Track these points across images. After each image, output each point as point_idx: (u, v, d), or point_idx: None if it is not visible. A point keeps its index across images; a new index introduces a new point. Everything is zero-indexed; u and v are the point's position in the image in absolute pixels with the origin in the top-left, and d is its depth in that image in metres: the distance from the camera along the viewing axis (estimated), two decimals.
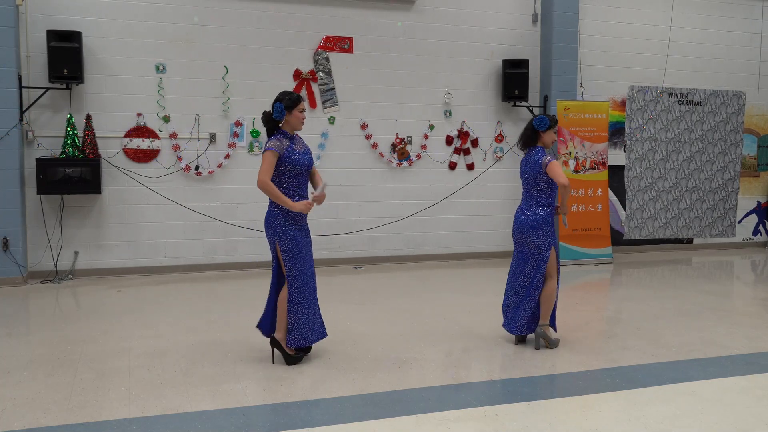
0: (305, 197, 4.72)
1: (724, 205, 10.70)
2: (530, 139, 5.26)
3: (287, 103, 4.65)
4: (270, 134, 4.72)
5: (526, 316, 5.20)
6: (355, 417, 3.85)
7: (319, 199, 4.65)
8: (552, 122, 5.18)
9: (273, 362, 4.82)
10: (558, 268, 5.25)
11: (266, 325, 4.91)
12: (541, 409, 4.01)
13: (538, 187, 5.16)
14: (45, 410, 3.92)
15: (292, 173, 4.64)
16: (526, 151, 5.30)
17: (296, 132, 4.79)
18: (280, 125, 4.72)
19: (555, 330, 5.36)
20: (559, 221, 7.65)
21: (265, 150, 4.58)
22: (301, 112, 4.71)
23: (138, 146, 8.19)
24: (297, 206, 4.58)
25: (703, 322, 6.08)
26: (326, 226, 8.85)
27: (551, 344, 5.20)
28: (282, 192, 4.61)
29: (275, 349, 4.82)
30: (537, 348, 5.21)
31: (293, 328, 4.71)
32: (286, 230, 4.64)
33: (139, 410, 3.92)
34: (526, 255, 5.22)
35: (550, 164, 5.06)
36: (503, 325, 5.36)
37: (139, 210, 8.24)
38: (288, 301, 4.69)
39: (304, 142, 4.84)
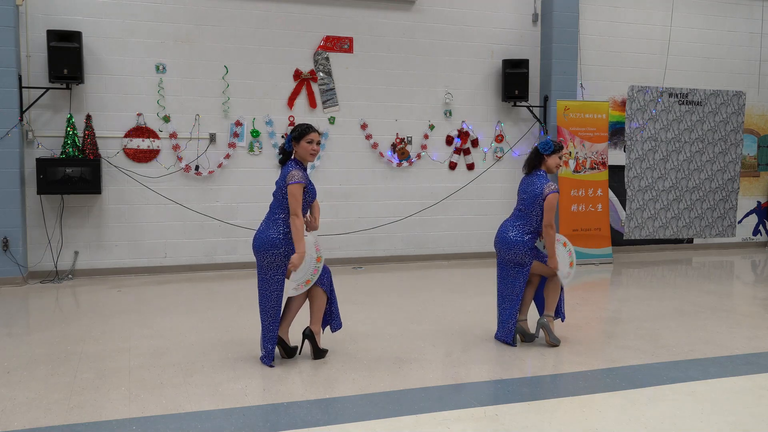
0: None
1: (724, 205, 10.70)
2: (534, 162, 5.30)
3: (294, 134, 4.69)
4: (282, 164, 4.75)
5: (506, 325, 5.23)
6: (355, 417, 3.85)
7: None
8: (557, 147, 5.22)
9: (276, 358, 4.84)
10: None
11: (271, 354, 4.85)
12: (541, 409, 4.00)
13: (533, 212, 5.20)
14: (45, 410, 3.92)
15: (306, 204, 4.71)
16: (530, 173, 5.32)
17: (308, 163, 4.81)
18: (293, 156, 4.74)
19: (563, 319, 5.37)
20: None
21: (293, 183, 4.56)
22: (309, 143, 4.66)
23: (138, 146, 8.19)
24: (299, 255, 4.56)
25: (703, 322, 6.08)
26: (326, 226, 8.85)
27: (551, 338, 5.21)
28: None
29: (309, 343, 4.89)
30: (536, 336, 5.29)
31: (337, 314, 4.94)
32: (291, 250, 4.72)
33: (139, 410, 3.92)
34: (505, 267, 5.28)
35: (548, 197, 5.10)
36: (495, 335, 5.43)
37: (139, 210, 8.24)
38: (328, 294, 4.85)
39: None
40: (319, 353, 4.89)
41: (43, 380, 4.43)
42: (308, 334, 4.85)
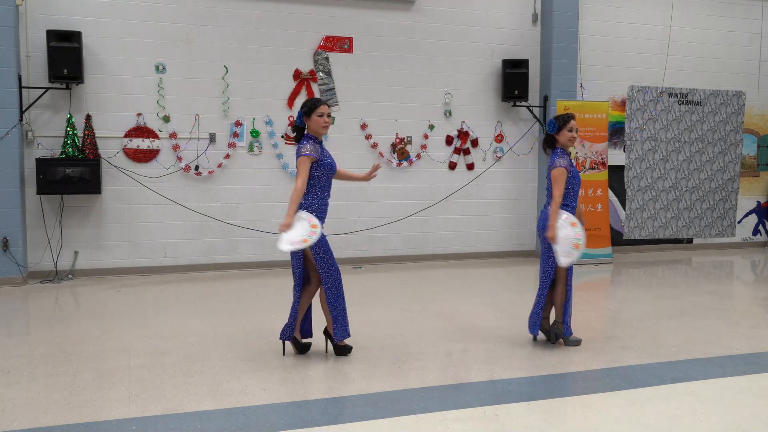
0: (328, 200, 4.93)
1: (724, 205, 10.70)
2: (548, 143, 5.32)
3: (305, 108, 4.79)
4: (298, 141, 4.83)
5: (533, 315, 5.28)
6: (355, 417, 3.85)
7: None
8: (561, 123, 5.18)
9: (284, 354, 4.97)
10: (566, 271, 5.21)
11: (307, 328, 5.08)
12: (541, 409, 4.01)
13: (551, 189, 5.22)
14: (45, 410, 3.92)
15: (325, 177, 4.81)
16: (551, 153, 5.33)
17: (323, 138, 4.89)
18: (306, 132, 4.83)
19: (568, 335, 5.29)
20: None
21: (301, 156, 4.68)
22: (320, 116, 4.76)
23: (138, 146, 8.19)
24: (284, 224, 4.68)
25: (703, 322, 6.08)
26: (326, 226, 8.81)
27: (566, 342, 5.24)
28: (314, 194, 4.79)
29: (328, 340, 5.04)
30: (553, 342, 5.31)
31: (336, 321, 4.89)
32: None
33: (139, 410, 3.92)
34: (542, 256, 5.27)
35: (552, 170, 5.11)
36: None
37: (139, 210, 8.24)
38: (326, 297, 4.87)
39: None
40: (341, 350, 4.97)
41: (43, 380, 4.43)
42: (328, 334, 5.01)
